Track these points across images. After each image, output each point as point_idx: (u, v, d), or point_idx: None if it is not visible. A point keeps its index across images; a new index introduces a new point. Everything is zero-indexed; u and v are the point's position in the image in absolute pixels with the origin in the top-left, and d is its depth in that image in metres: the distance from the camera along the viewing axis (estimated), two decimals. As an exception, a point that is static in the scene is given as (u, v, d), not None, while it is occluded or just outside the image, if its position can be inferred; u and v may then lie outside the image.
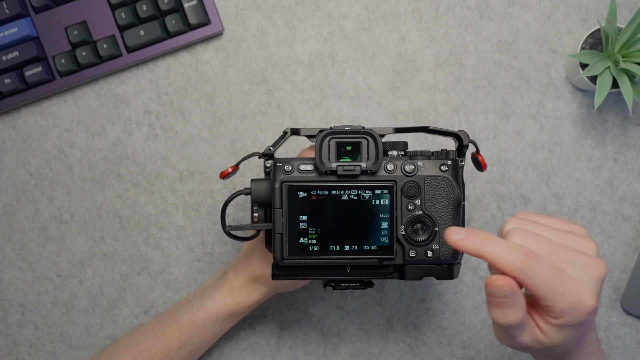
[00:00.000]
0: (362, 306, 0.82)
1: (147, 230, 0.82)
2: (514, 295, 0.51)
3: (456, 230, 0.53)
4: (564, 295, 0.51)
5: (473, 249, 0.52)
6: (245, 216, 0.82)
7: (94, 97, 0.82)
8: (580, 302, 0.51)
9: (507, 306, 0.51)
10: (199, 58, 0.82)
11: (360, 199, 0.64)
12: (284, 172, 0.64)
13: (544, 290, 0.51)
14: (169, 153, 0.82)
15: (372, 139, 0.64)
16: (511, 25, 0.81)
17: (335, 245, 0.64)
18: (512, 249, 0.51)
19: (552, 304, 0.51)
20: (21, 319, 0.83)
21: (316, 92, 0.81)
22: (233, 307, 0.74)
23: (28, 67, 0.79)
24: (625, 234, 0.81)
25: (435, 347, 0.82)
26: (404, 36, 0.81)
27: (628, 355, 0.81)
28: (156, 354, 0.74)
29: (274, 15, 0.81)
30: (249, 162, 0.81)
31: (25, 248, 0.82)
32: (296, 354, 0.82)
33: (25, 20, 0.79)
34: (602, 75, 0.74)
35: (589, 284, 0.52)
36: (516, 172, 0.81)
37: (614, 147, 0.81)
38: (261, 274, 0.72)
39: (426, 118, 0.81)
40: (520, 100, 0.81)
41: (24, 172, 0.82)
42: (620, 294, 0.81)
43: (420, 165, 0.65)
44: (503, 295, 0.51)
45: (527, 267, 0.51)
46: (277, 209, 0.64)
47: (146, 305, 0.82)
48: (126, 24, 0.79)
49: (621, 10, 0.80)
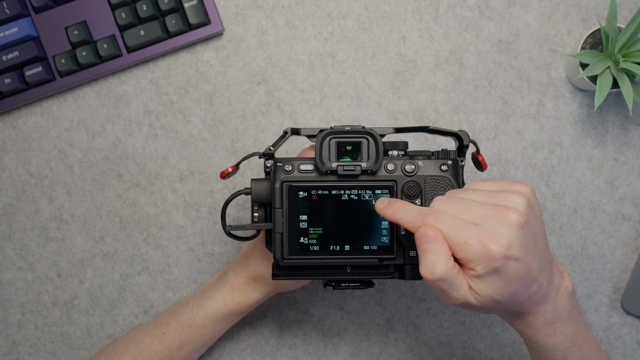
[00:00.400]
0: (362, 306, 0.82)
1: (147, 230, 0.82)
2: (438, 241, 0.54)
3: (382, 200, 0.60)
4: (466, 244, 0.54)
5: (390, 215, 0.59)
6: (245, 216, 0.82)
7: (94, 97, 0.82)
8: (485, 249, 0.54)
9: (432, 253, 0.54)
10: (199, 58, 0.82)
11: (360, 198, 0.64)
12: (284, 171, 0.64)
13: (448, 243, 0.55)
14: (169, 153, 0.82)
15: (373, 139, 0.64)
16: (511, 25, 0.81)
17: (336, 245, 0.64)
18: (417, 212, 0.57)
19: (459, 255, 0.55)
20: (21, 318, 0.83)
21: (316, 92, 0.81)
22: (233, 306, 0.74)
23: (28, 67, 0.79)
24: (625, 234, 0.81)
25: (435, 347, 0.82)
26: (404, 36, 0.81)
27: (628, 355, 0.81)
28: (156, 353, 0.74)
29: (274, 15, 0.81)
30: (249, 162, 0.81)
31: (26, 248, 0.82)
32: (296, 354, 0.82)
33: (25, 20, 0.79)
34: (602, 75, 0.74)
35: (496, 231, 0.54)
36: (516, 172, 0.81)
37: (614, 147, 0.81)
38: (261, 273, 0.72)
39: (426, 118, 0.81)
40: (521, 100, 0.81)
41: (24, 172, 0.82)
42: (620, 294, 0.81)
43: (420, 165, 0.65)
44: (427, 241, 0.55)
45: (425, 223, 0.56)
46: (278, 208, 0.64)
47: (146, 305, 0.82)
48: (126, 24, 0.79)
49: (621, 10, 0.80)
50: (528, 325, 0.60)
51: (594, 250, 0.81)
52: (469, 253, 0.54)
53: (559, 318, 0.60)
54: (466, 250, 0.54)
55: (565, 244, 0.81)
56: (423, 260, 0.55)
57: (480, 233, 0.54)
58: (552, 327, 0.60)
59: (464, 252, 0.54)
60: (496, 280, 0.55)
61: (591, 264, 0.81)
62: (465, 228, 0.55)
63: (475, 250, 0.54)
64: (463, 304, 0.56)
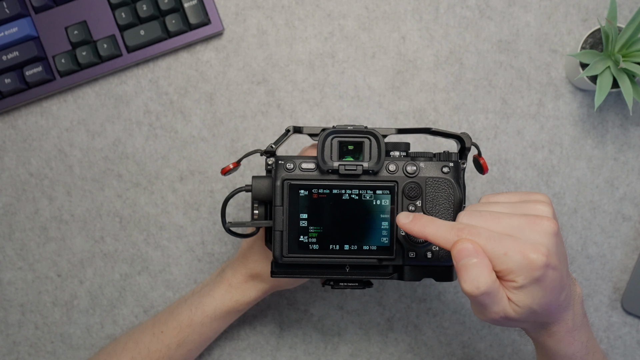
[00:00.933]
0: (362, 306, 0.82)
1: (147, 230, 0.82)
2: (479, 255, 0.53)
3: (405, 215, 0.58)
4: (506, 256, 0.53)
5: (418, 231, 0.56)
6: (245, 216, 0.82)
7: (94, 97, 0.82)
8: (526, 258, 0.53)
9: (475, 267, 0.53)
10: (199, 58, 0.82)
11: (361, 198, 0.64)
12: (286, 169, 0.64)
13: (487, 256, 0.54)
14: (169, 153, 0.82)
15: (375, 139, 0.64)
16: (511, 25, 0.81)
17: (335, 245, 0.64)
18: (450, 227, 0.55)
19: (499, 267, 0.53)
20: (21, 318, 0.83)
21: (316, 92, 0.81)
22: (231, 304, 0.74)
23: (28, 67, 0.79)
24: (625, 234, 0.81)
25: (435, 347, 0.82)
26: (404, 36, 0.81)
27: (628, 355, 0.81)
28: (155, 352, 0.74)
29: (274, 15, 0.81)
30: (249, 162, 0.81)
31: (26, 248, 0.82)
32: (296, 354, 0.82)
33: (25, 20, 0.79)
34: (602, 75, 0.74)
35: (534, 240, 0.54)
36: (516, 172, 0.81)
37: (614, 147, 0.81)
38: (260, 271, 0.72)
39: (426, 118, 0.81)
40: (521, 100, 0.81)
41: (24, 171, 0.82)
42: (620, 294, 0.81)
43: (422, 167, 0.65)
44: (468, 255, 0.53)
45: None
46: (278, 206, 0.64)
47: (146, 305, 0.82)
48: (126, 23, 0.79)
49: (621, 10, 0.80)
50: (551, 335, 0.59)
51: (594, 250, 0.81)
52: (510, 264, 0.53)
53: (576, 325, 0.59)
54: (507, 262, 0.53)
55: (565, 244, 0.81)
56: (465, 275, 0.54)
57: (519, 243, 0.54)
58: (572, 335, 0.59)
59: (504, 264, 0.53)
60: (536, 290, 0.54)
61: (591, 264, 0.81)
62: (503, 239, 0.54)
63: (517, 261, 0.53)
64: (502, 318, 0.55)
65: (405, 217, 0.58)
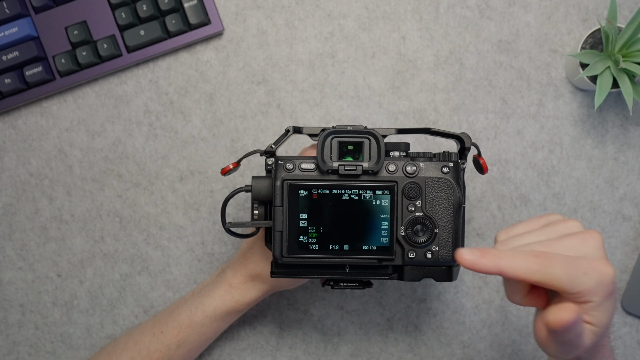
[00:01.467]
0: (362, 306, 0.82)
1: (147, 230, 0.82)
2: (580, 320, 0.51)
3: (469, 251, 0.52)
4: (586, 275, 0.52)
5: (491, 267, 0.52)
6: (245, 216, 0.82)
7: (94, 97, 0.82)
8: (602, 274, 0.52)
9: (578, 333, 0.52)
10: (199, 58, 0.82)
11: (361, 198, 0.64)
12: (286, 170, 0.64)
13: (567, 280, 0.51)
14: (169, 153, 0.82)
15: (375, 139, 0.64)
16: (511, 25, 0.81)
17: (335, 245, 0.64)
18: (524, 255, 0.52)
19: (580, 288, 0.52)
20: (21, 318, 0.83)
21: (316, 92, 0.81)
22: (231, 305, 0.73)
23: (28, 67, 0.79)
24: (625, 234, 0.81)
25: (435, 347, 0.82)
26: (404, 36, 0.81)
27: (628, 355, 0.81)
28: (155, 352, 0.74)
29: (274, 15, 0.81)
30: (249, 162, 0.81)
31: (26, 248, 0.82)
32: (296, 354, 0.82)
33: (25, 20, 0.79)
34: (602, 75, 0.74)
35: (598, 254, 0.54)
36: (516, 172, 0.81)
37: (614, 147, 0.81)
38: (259, 271, 0.72)
39: (426, 118, 0.81)
40: (521, 100, 0.81)
41: (24, 172, 0.82)
42: (620, 294, 0.81)
43: (421, 167, 0.65)
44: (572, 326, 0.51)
45: (544, 265, 0.51)
46: (278, 206, 0.64)
47: (146, 305, 0.82)
48: (126, 23, 0.79)
49: (621, 10, 0.80)
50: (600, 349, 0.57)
51: (594, 250, 0.81)
52: (590, 284, 0.52)
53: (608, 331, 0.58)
54: (587, 282, 0.52)
55: (565, 244, 0.81)
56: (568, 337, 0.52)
57: (589, 261, 0.52)
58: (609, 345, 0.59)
59: (584, 284, 0.52)
60: (610, 304, 0.53)
61: (591, 264, 0.81)
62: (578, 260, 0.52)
63: (595, 279, 0.52)
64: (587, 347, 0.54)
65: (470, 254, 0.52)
